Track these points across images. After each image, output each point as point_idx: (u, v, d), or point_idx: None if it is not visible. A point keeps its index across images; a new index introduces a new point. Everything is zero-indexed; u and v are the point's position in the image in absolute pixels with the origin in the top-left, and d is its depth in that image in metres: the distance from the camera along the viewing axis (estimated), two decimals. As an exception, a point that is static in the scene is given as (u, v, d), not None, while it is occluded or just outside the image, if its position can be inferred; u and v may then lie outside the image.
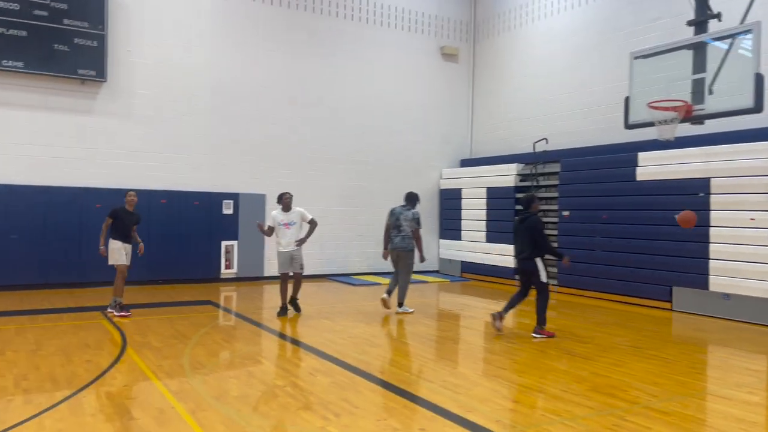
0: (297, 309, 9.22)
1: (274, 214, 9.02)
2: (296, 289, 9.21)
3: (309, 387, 5.43)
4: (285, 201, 9.01)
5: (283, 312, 8.98)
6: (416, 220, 9.32)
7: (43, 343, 6.81)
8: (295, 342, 7.21)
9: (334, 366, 6.18)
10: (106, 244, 8.54)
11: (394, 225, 9.35)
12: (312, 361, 6.35)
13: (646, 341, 7.77)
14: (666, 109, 8.02)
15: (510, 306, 7.98)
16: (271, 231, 9.09)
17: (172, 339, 7.23)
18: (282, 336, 7.60)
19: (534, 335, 7.71)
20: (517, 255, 8.06)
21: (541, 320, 7.78)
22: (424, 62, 15.42)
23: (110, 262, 8.56)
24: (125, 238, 8.64)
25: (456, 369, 6.37)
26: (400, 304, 9.32)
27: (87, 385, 5.30)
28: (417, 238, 9.31)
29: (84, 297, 10.23)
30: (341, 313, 9.23)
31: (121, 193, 11.58)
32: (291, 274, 9.11)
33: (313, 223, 9.04)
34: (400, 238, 9.28)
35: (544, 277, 7.70)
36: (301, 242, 8.95)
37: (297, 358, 6.44)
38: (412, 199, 9.53)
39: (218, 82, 12.75)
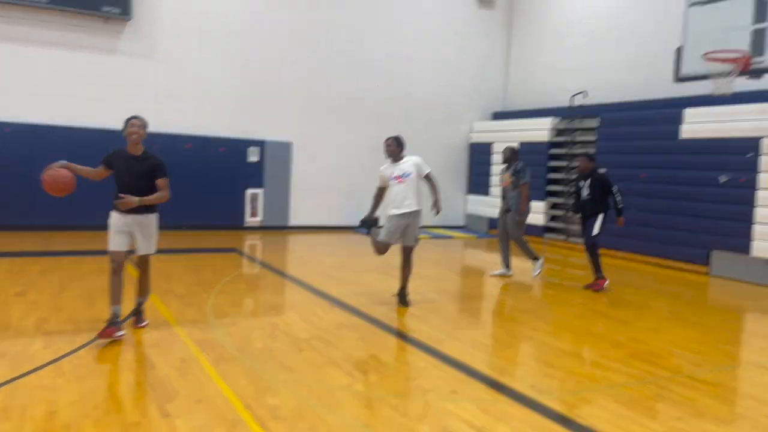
0: (405, 302, 6.66)
1: (381, 169, 6.72)
2: (407, 275, 6.72)
3: (335, 341, 5.24)
4: (388, 149, 6.67)
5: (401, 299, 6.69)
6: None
7: (67, 286, 6.72)
8: (321, 294, 7.03)
9: (360, 321, 5.99)
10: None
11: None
12: (338, 315, 6.16)
13: (685, 307, 7.44)
14: (723, 60, 7.45)
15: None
16: (379, 198, 6.75)
17: (196, 286, 7.11)
18: (307, 287, 7.42)
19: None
20: None
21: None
22: (457, 8, 14.71)
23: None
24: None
25: (486, 329, 6.14)
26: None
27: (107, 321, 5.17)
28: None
29: (103, 239, 10.15)
30: (367, 267, 9.02)
31: (148, 137, 11.39)
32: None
33: (433, 178, 6.67)
34: None
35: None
36: (435, 206, 6.56)
37: (322, 311, 6.26)
38: None
39: (247, 26, 12.30)
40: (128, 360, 4.51)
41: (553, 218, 13.16)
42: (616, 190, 7.77)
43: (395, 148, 6.63)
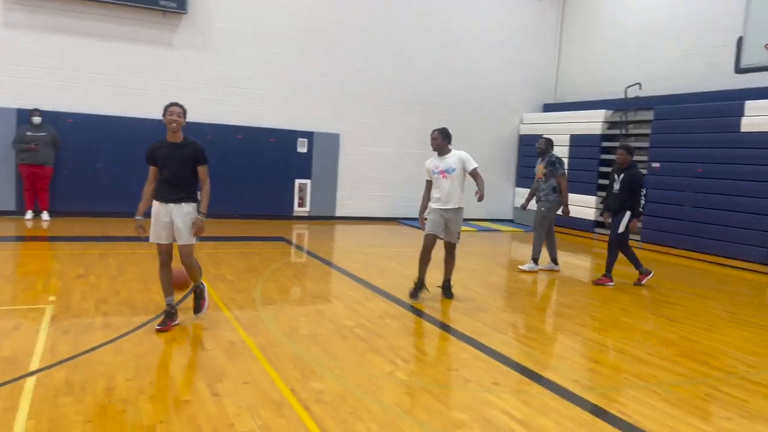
0: (449, 294, 6.62)
1: (428, 162, 6.52)
2: (450, 267, 6.64)
3: (378, 330, 5.31)
4: (434, 142, 6.45)
5: (417, 291, 6.43)
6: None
7: (124, 269, 7.02)
8: (365, 284, 7.12)
9: (403, 310, 6.04)
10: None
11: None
12: (381, 304, 6.23)
13: (742, 307, 7.18)
14: (788, 50, 7.11)
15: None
16: (428, 193, 6.53)
17: (245, 273, 7.30)
18: (352, 276, 7.52)
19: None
20: None
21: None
22: (510, -2, 14.51)
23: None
24: (166, 192, 4.93)
25: (530, 323, 6.10)
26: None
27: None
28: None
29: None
30: (412, 257, 9.05)
31: (200, 128, 11.82)
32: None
33: (479, 176, 6.31)
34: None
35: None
36: (479, 196, 6.19)
37: (366, 300, 6.34)
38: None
39: (296, 17, 12.46)
40: (181, 341, 4.69)
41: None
42: (644, 193, 7.63)
43: (441, 141, 6.40)
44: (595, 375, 4.57)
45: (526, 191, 14.53)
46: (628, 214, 7.64)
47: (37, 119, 10.19)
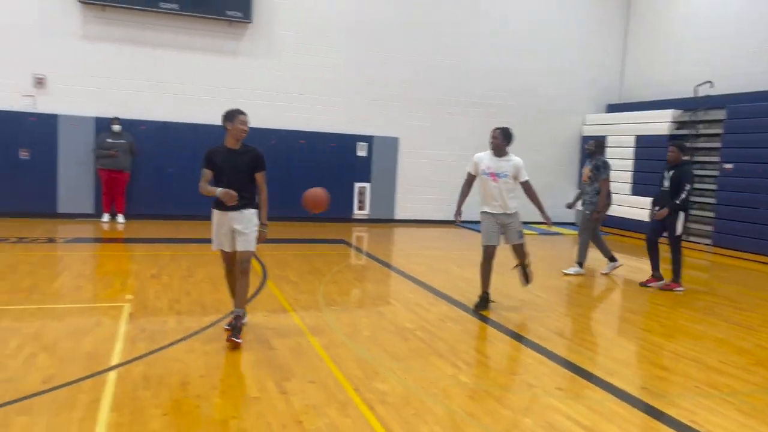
0: (526, 277, 6.46)
1: (478, 156, 6.18)
2: (522, 258, 6.37)
3: (439, 333, 5.34)
4: (494, 141, 6.08)
5: (482, 304, 6.17)
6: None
7: (194, 270, 7.32)
8: (426, 287, 7.16)
9: (464, 314, 6.05)
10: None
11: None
12: (442, 307, 6.25)
13: (823, 315, 6.80)
14: None
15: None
16: (468, 186, 6.32)
17: (308, 274, 7.48)
18: (412, 279, 7.57)
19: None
20: None
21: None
22: (572, -3, 14.24)
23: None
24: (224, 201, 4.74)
25: (595, 327, 5.98)
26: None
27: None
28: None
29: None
30: (471, 261, 9.01)
31: (265, 133, 12.18)
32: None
33: (532, 189, 6.13)
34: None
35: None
36: (544, 218, 6.18)
37: (427, 303, 6.38)
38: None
39: (354, 24, 12.64)
40: (249, 340, 4.86)
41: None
42: (688, 189, 7.34)
43: (501, 141, 6.04)
44: (663, 382, 4.45)
45: (588, 193, 14.26)
46: (682, 215, 7.42)
47: (117, 127, 10.77)
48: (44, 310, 5.45)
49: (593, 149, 8.39)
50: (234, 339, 4.59)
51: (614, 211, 13.39)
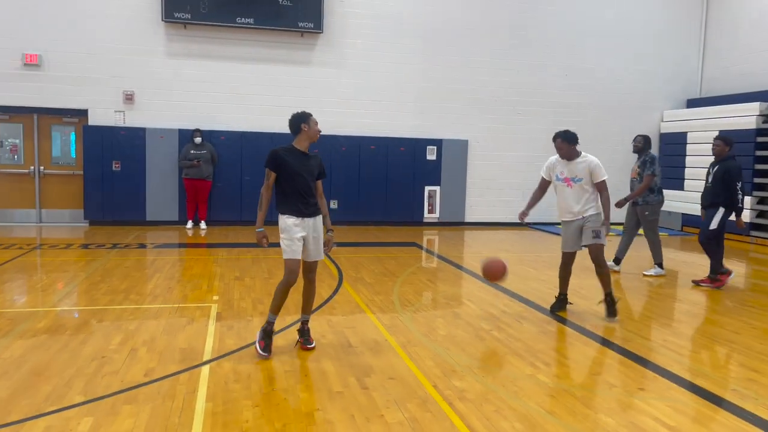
0: (611, 311, 5.84)
1: (551, 160, 5.92)
2: (604, 279, 5.89)
3: (516, 333, 5.34)
4: (559, 151, 5.78)
5: (559, 304, 6.08)
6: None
7: (274, 272, 7.62)
8: (500, 288, 7.15)
9: (540, 315, 6.01)
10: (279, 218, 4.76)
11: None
12: (517, 308, 6.24)
13: None
14: None
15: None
16: (541, 191, 6.05)
17: (382, 276, 7.63)
18: (484, 281, 7.55)
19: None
20: None
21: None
22: (646, -10, 13.80)
23: (284, 256, 4.75)
24: (302, 206, 4.64)
25: (678, 329, 5.79)
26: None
27: (311, 313, 5.80)
28: None
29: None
30: (546, 262, 8.92)
31: (336, 140, 12.50)
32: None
33: (605, 191, 5.73)
34: None
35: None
36: (603, 223, 5.74)
37: (502, 304, 6.38)
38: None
39: (423, 28, 12.75)
40: (330, 339, 5.04)
41: (760, 214, 11.80)
42: (739, 187, 7.05)
43: (566, 149, 5.70)
44: (755, 384, 4.27)
45: (670, 192, 13.66)
46: (721, 210, 7.17)
47: (198, 139, 11.36)
48: (141, 310, 5.85)
49: (641, 146, 8.14)
50: (308, 346, 4.74)
51: (698, 210, 12.86)
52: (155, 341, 4.87)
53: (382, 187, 12.72)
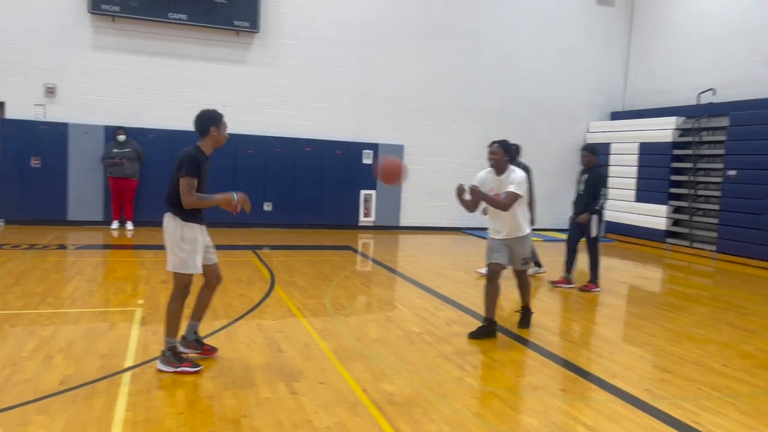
0: (526, 322, 5.91)
1: (480, 176, 5.56)
2: (526, 292, 5.90)
3: (446, 337, 5.43)
4: (492, 157, 5.42)
5: (485, 330, 5.48)
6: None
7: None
8: (431, 292, 7.25)
9: (470, 318, 6.13)
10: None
11: None
12: (449, 312, 6.34)
13: (826, 320, 6.85)
14: None
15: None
16: (474, 201, 5.54)
17: (316, 280, 7.58)
18: (418, 285, 7.66)
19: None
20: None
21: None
22: (574, 6, 14.37)
23: (183, 270, 4.69)
24: (203, 213, 4.69)
25: (599, 332, 6.05)
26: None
27: (241, 317, 5.71)
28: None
29: (234, 235, 10.97)
30: (477, 267, 9.11)
31: (270, 141, 12.33)
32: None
33: (513, 200, 5.31)
34: None
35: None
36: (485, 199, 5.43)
37: (433, 308, 6.47)
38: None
39: (360, 32, 12.80)
40: (259, 343, 4.96)
41: (675, 223, 12.51)
42: (604, 193, 7.61)
43: (500, 158, 5.36)
44: (667, 385, 4.52)
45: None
46: (596, 217, 7.64)
47: (121, 137, 10.92)
48: (58, 315, 5.56)
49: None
50: (215, 351, 4.61)
51: (618, 217, 13.50)
52: (73, 347, 4.64)
53: (318, 190, 12.65)
